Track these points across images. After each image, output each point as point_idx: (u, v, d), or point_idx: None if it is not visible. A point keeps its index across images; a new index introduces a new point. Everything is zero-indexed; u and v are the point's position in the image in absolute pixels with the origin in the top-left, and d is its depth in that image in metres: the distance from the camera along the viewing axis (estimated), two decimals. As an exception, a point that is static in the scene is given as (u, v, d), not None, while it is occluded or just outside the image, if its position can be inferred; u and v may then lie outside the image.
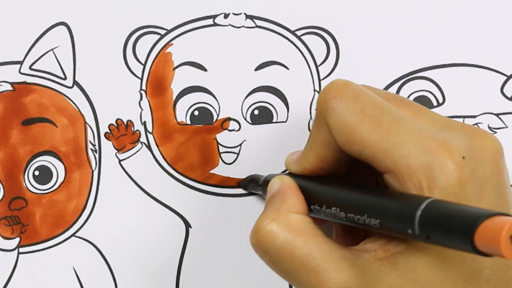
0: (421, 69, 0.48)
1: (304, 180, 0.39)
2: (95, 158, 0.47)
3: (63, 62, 0.47)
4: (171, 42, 0.48)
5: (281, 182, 0.39)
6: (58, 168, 0.47)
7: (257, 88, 0.47)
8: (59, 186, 0.47)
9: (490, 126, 0.48)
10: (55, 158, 0.47)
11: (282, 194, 0.38)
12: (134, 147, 0.47)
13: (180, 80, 0.47)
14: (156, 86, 0.47)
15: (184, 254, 0.47)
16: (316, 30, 0.48)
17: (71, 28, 0.47)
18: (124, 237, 0.47)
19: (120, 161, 0.47)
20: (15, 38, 0.47)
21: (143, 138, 0.47)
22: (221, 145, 0.47)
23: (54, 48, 0.47)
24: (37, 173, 0.47)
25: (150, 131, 0.47)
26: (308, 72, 0.48)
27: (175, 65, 0.47)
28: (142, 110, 0.47)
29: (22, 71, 0.47)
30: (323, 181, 0.38)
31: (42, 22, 0.47)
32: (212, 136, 0.47)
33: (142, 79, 0.48)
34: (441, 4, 0.48)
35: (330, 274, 0.34)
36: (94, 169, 0.47)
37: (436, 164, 0.33)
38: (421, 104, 0.39)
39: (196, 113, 0.47)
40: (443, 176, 0.33)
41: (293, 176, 0.40)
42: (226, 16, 0.48)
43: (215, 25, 0.48)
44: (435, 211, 0.30)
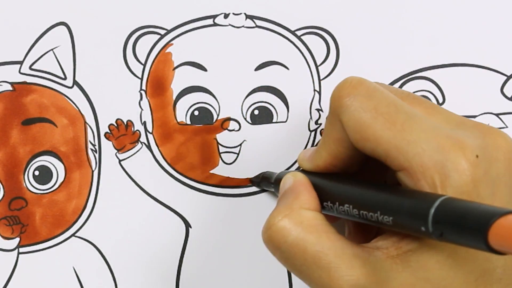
0: (421, 69, 0.48)
1: (317, 177, 0.39)
2: (95, 158, 0.47)
3: (63, 62, 0.47)
4: (171, 42, 0.48)
5: (294, 179, 0.39)
6: (58, 168, 0.47)
7: (257, 88, 0.47)
8: (59, 186, 0.47)
9: (490, 126, 0.48)
10: (55, 158, 0.47)
11: (295, 190, 0.38)
12: (134, 147, 0.47)
13: (180, 80, 0.47)
14: (156, 86, 0.47)
15: (184, 254, 0.47)
16: (316, 30, 0.48)
17: (71, 28, 0.47)
18: (124, 237, 0.47)
19: (120, 161, 0.47)
20: (15, 38, 0.47)
21: (143, 138, 0.47)
22: (221, 145, 0.47)
23: (54, 48, 0.47)
24: (37, 173, 0.47)
25: (150, 131, 0.47)
26: (308, 72, 0.48)
27: (175, 65, 0.47)
28: (142, 110, 0.47)
29: (22, 71, 0.47)
30: (336, 178, 0.39)
31: (42, 22, 0.47)
32: (212, 136, 0.47)
33: (142, 79, 0.47)
34: (441, 4, 0.48)
35: (342, 271, 0.34)
36: (94, 169, 0.47)
37: (449, 162, 0.33)
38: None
39: (196, 113, 0.47)
40: (457, 174, 0.33)
41: (306, 173, 0.40)
42: (226, 16, 0.48)
43: (215, 25, 0.48)
44: (449, 209, 0.30)
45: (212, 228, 0.47)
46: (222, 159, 0.47)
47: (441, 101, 0.48)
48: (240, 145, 0.47)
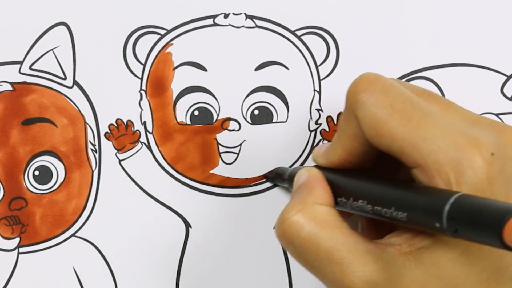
0: (421, 69, 0.48)
1: (331, 172, 0.39)
2: (95, 158, 0.47)
3: (63, 62, 0.47)
4: (171, 42, 0.48)
5: (308, 174, 0.39)
6: (58, 168, 0.47)
7: (257, 88, 0.47)
8: (59, 186, 0.47)
9: (490, 126, 0.47)
10: (55, 158, 0.47)
11: (309, 185, 0.38)
12: (134, 147, 0.47)
13: (180, 80, 0.47)
14: (156, 86, 0.47)
15: (184, 254, 0.47)
16: (316, 30, 0.48)
17: (71, 28, 0.47)
18: (124, 237, 0.47)
19: (120, 161, 0.47)
20: (15, 38, 0.47)
21: (143, 138, 0.47)
22: (221, 145, 0.47)
23: (54, 48, 0.47)
24: (37, 173, 0.47)
25: (150, 131, 0.47)
26: (308, 72, 0.48)
27: (175, 65, 0.47)
28: (142, 110, 0.47)
29: (22, 71, 0.47)
30: (350, 174, 0.39)
31: (42, 22, 0.47)
32: (212, 136, 0.47)
33: (142, 79, 0.47)
34: (441, 4, 0.48)
35: (354, 267, 0.34)
36: (94, 169, 0.47)
37: (465, 160, 0.33)
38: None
39: (196, 113, 0.47)
40: (472, 172, 0.33)
41: (320, 168, 0.40)
42: (226, 16, 0.48)
43: (215, 25, 0.48)
44: (464, 206, 0.31)
45: (212, 228, 0.47)
46: (222, 159, 0.47)
47: (441, 101, 0.48)
48: (240, 145, 0.47)
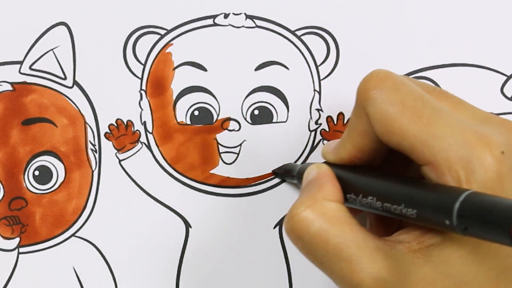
0: (421, 69, 0.48)
1: (340, 169, 0.39)
2: (95, 158, 0.47)
3: (63, 62, 0.47)
4: (171, 42, 0.48)
5: (318, 170, 0.39)
6: (58, 168, 0.47)
7: (257, 88, 0.47)
8: (59, 186, 0.47)
9: (490, 126, 0.47)
10: (55, 158, 0.47)
11: (319, 181, 0.38)
12: (134, 147, 0.47)
13: (180, 80, 0.47)
14: (156, 86, 0.47)
15: (184, 254, 0.47)
16: (316, 30, 0.48)
17: (71, 28, 0.47)
18: (124, 237, 0.47)
19: (120, 161, 0.47)
20: (15, 38, 0.47)
21: (143, 138, 0.47)
22: (221, 145, 0.47)
23: (54, 48, 0.47)
24: (37, 173, 0.47)
25: (150, 131, 0.47)
26: (308, 72, 0.48)
27: (175, 65, 0.47)
28: (142, 110, 0.47)
29: (22, 71, 0.47)
30: (360, 170, 0.39)
31: (42, 22, 0.47)
32: (212, 136, 0.47)
33: (142, 79, 0.47)
34: (441, 4, 0.48)
35: (363, 264, 0.34)
36: (94, 169, 0.47)
37: (475, 158, 0.33)
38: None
39: (196, 113, 0.47)
40: (482, 170, 0.33)
41: (329, 165, 0.40)
42: (226, 16, 0.48)
43: (215, 25, 0.48)
44: (474, 203, 0.31)
45: (212, 228, 0.47)
46: (222, 159, 0.47)
47: (441, 101, 0.48)
48: (240, 145, 0.47)
